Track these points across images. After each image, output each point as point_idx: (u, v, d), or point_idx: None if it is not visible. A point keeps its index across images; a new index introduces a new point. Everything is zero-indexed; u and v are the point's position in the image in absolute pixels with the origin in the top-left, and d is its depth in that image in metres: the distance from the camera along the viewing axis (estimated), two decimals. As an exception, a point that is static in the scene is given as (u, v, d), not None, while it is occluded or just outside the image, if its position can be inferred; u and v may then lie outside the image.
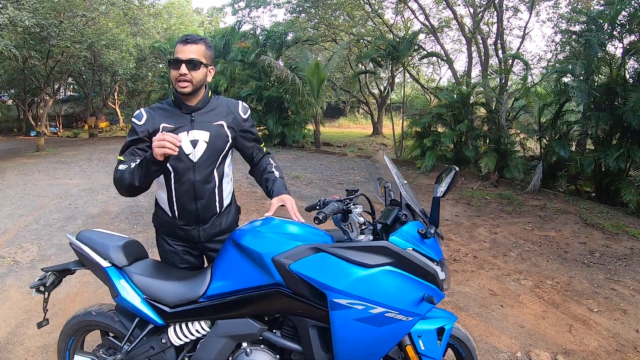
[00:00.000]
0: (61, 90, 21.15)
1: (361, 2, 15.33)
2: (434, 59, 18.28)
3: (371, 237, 1.62)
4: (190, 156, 1.82)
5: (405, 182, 1.75)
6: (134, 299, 1.74)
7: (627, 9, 6.80)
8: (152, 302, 1.73)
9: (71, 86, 23.77)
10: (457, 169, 1.62)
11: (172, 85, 1.85)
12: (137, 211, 6.00)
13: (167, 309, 1.71)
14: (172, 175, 1.84)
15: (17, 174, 9.38)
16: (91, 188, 7.76)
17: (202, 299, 1.67)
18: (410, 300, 1.53)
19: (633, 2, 6.73)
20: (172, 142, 1.51)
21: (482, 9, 11.02)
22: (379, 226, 1.73)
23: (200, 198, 1.87)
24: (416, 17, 13.96)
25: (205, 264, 2.09)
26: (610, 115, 6.83)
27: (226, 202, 1.97)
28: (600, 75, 7.64)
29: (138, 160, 1.68)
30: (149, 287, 1.74)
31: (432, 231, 1.58)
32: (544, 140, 8.14)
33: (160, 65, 20.06)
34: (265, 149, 2.11)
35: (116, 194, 7.15)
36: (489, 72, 10.71)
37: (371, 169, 2.16)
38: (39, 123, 15.17)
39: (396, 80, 18.62)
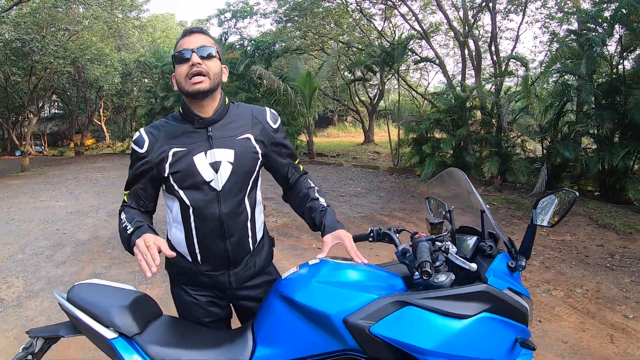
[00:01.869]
0: (45, 108, 20.81)
1: (349, 9, 15.23)
2: (422, 64, 18.23)
3: (453, 276, 1.31)
4: (212, 184, 1.41)
5: (487, 205, 1.48)
6: None
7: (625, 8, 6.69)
8: None
9: (55, 103, 23.52)
10: (577, 194, 1.34)
11: (180, 90, 1.41)
12: (131, 233, 5.62)
13: None
14: (191, 210, 1.43)
15: (0, 196, 8.95)
16: (79, 210, 7.36)
17: None
18: (505, 348, 1.25)
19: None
20: (149, 262, 1.16)
21: (476, 11, 10.95)
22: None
23: (230, 236, 1.46)
24: (406, 21, 13.87)
25: (234, 315, 1.68)
26: (614, 114, 6.73)
27: (259, 235, 1.57)
28: (598, 74, 7.57)
29: (131, 227, 1.34)
30: None
31: (523, 264, 1.32)
32: (546, 142, 8.00)
33: (146, 80, 19.78)
34: (301, 167, 1.69)
35: (106, 216, 6.80)
36: (487, 76, 10.61)
37: (432, 187, 1.82)
38: (24, 142, 14.85)
39: (385, 87, 18.57)
